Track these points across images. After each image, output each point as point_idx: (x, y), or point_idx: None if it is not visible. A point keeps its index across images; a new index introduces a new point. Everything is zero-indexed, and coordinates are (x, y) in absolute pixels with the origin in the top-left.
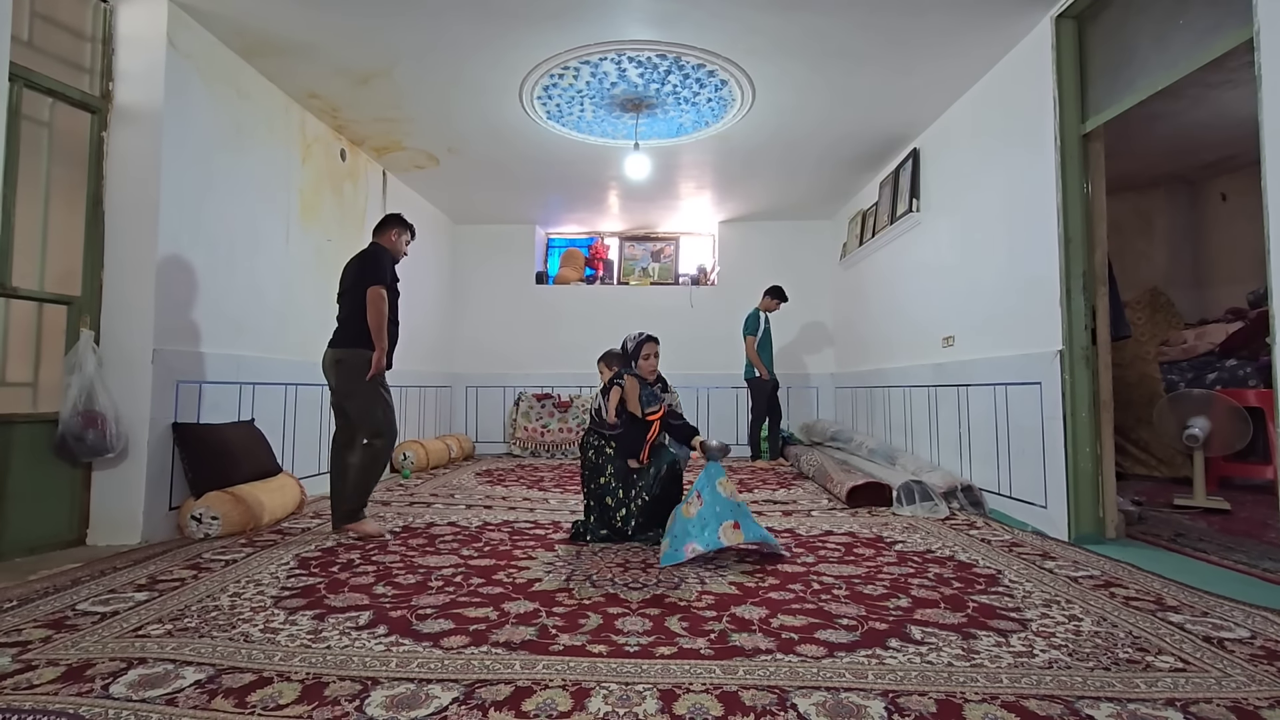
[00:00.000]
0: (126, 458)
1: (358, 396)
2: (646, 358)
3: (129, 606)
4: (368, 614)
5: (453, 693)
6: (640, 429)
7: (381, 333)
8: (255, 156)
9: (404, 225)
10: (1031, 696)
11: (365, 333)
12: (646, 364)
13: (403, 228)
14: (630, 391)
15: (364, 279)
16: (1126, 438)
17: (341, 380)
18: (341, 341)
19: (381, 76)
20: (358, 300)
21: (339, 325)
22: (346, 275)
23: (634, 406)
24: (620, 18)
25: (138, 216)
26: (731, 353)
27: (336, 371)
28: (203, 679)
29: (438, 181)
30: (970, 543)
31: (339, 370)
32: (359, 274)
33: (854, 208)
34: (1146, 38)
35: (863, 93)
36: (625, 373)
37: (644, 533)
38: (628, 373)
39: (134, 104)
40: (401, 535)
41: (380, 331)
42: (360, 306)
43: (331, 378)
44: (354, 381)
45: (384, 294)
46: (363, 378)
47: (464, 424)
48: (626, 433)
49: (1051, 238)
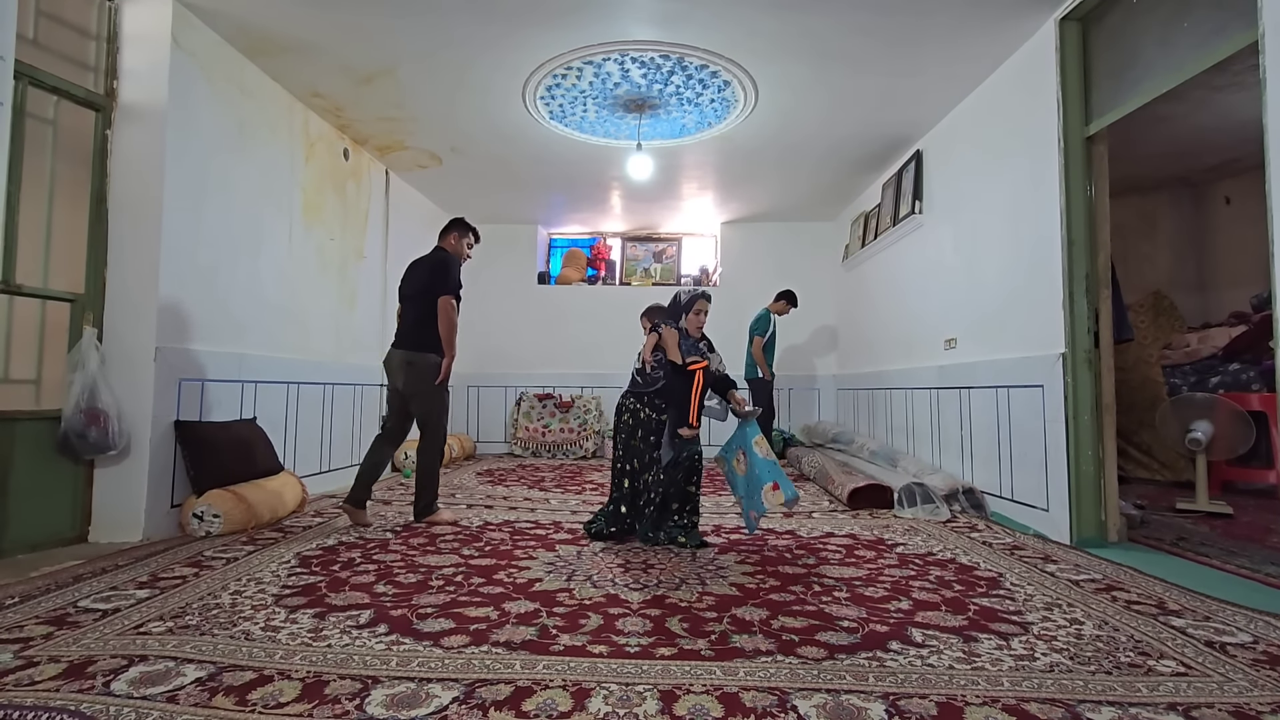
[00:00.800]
0: (128, 455)
1: (423, 398)
2: (697, 314)
3: (130, 604)
4: (368, 613)
5: (453, 692)
6: (685, 383)
7: (453, 341)
8: (258, 155)
9: (465, 228)
10: (1033, 700)
11: (434, 338)
12: (695, 320)
13: (464, 230)
14: (669, 338)
15: (434, 288)
16: (1129, 441)
17: (411, 382)
18: (412, 345)
19: (385, 76)
20: (428, 306)
21: (407, 329)
22: (413, 279)
23: (674, 354)
24: (623, 18)
25: (141, 214)
26: (733, 353)
27: (406, 373)
28: (203, 677)
29: (440, 181)
30: (972, 545)
31: (409, 372)
32: (429, 282)
33: (856, 209)
34: (1151, 40)
35: (865, 94)
36: (666, 324)
37: (651, 526)
38: (669, 324)
39: (138, 102)
40: (402, 534)
41: (452, 340)
42: (429, 313)
43: (399, 378)
44: (423, 384)
45: (454, 304)
46: (431, 381)
47: (465, 424)
48: (672, 387)
49: (1054, 240)
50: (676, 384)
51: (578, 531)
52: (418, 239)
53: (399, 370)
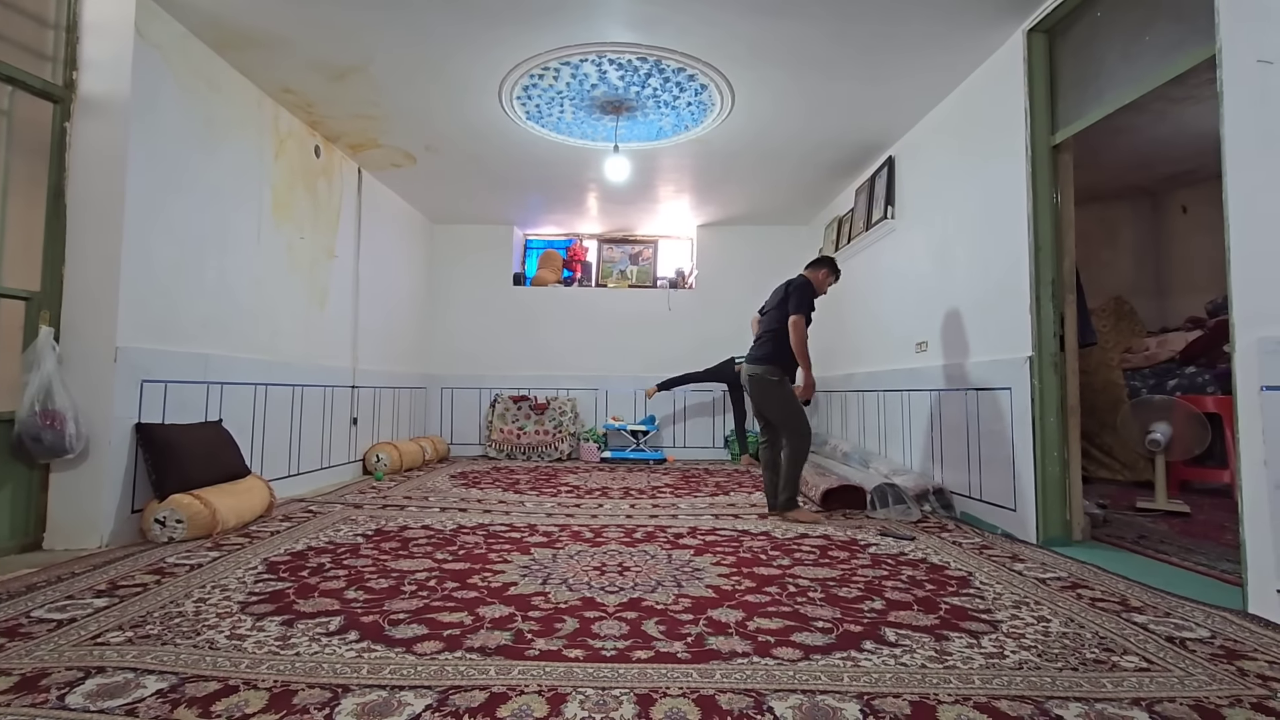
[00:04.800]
0: (87, 459)
1: (772, 406)
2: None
3: (87, 613)
4: (338, 619)
5: (426, 699)
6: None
7: (805, 355)
8: (226, 151)
9: (834, 269)
10: (1003, 697)
11: (773, 353)
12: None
13: (831, 269)
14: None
15: (786, 306)
16: (1092, 442)
17: (754, 394)
18: (752, 359)
19: (358, 72)
20: (777, 322)
21: (754, 343)
22: (772, 297)
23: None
24: (601, 20)
25: (102, 210)
26: (710, 356)
27: (749, 387)
28: (165, 688)
29: (415, 180)
30: (942, 545)
31: (751, 385)
32: (783, 300)
33: (830, 214)
34: (1114, 53)
35: (840, 100)
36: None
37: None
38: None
39: (99, 94)
40: (374, 539)
41: (803, 355)
42: (774, 329)
43: (748, 391)
44: (764, 394)
45: (803, 323)
46: (771, 391)
47: (439, 426)
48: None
49: (1022, 246)
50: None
51: (553, 534)
52: (390, 238)
53: (746, 384)
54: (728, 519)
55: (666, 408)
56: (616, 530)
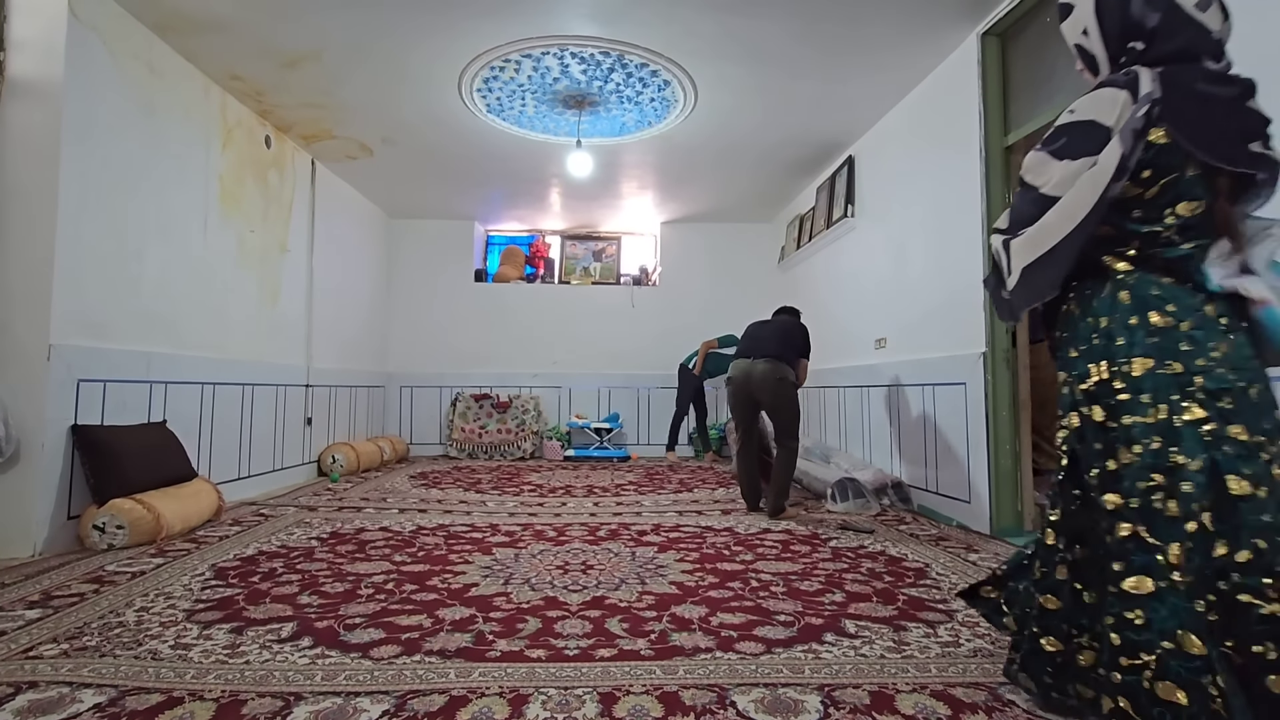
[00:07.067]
0: (18, 462)
1: (787, 406)
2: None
3: (18, 626)
4: (291, 625)
5: (383, 705)
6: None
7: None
8: (170, 139)
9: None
10: (958, 685)
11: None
12: None
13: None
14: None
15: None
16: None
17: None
18: (777, 357)
19: (311, 60)
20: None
21: (759, 340)
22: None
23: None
24: (563, 12)
25: (33, 199)
26: (673, 353)
27: (772, 383)
28: (103, 702)
29: (372, 173)
30: (900, 537)
31: (776, 383)
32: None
33: (792, 212)
34: (1065, 56)
35: (801, 99)
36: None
37: None
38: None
39: (29, 77)
40: (329, 541)
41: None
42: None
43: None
44: (787, 393)
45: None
46: (792, 392)
47: (398, 425)
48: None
49: (976, 244)
50: None
51: (515, 534)
52: (346, 232)
53: (763, 381)
54: (691, 515)
55: (630, 406)
56: (580, 529)
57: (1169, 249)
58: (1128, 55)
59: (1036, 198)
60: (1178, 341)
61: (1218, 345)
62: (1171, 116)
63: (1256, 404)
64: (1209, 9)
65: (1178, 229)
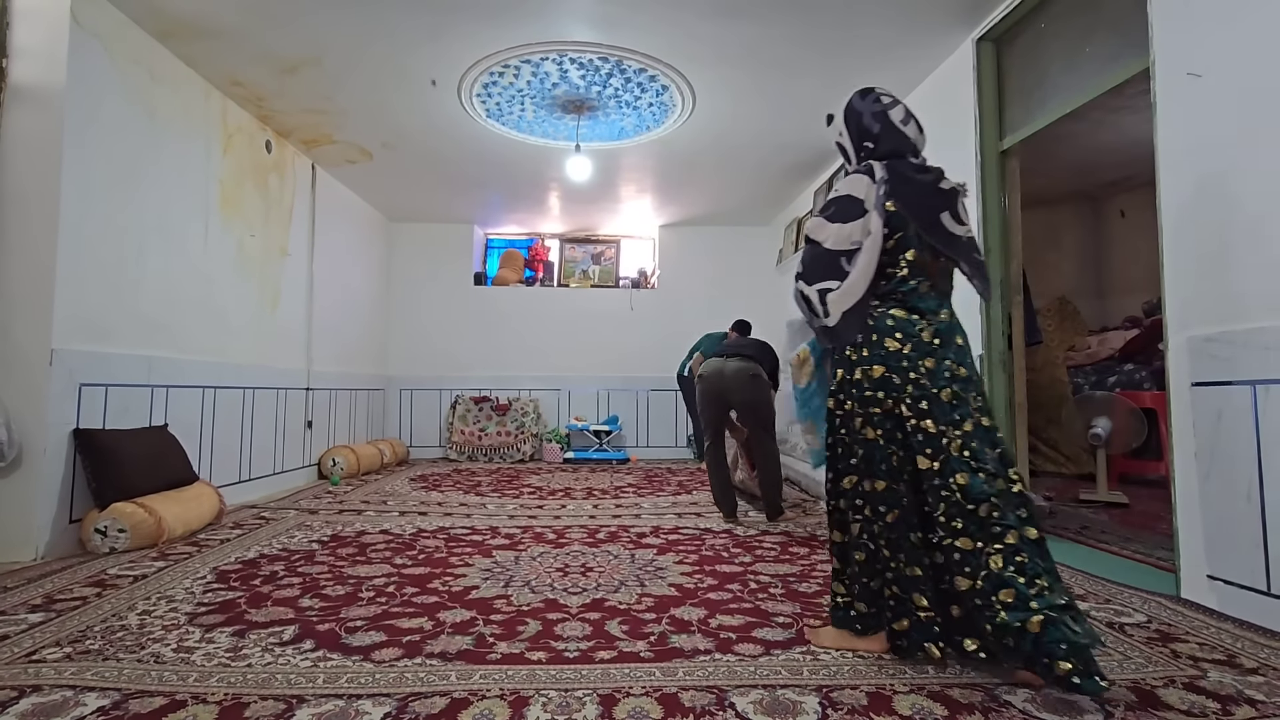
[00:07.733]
0: (20, 467)
1: (765, 405)
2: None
3: (21, 629)
4: (292, 628)
5: (384, 708)
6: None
7: None
8: (171, 145)
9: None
10: (955, 685)
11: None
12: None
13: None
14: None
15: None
16: (1038, 437)
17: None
18: (752, 358)
19: (311, 65)
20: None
21: (736, 344)
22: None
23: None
24: (563, 18)
25: (35, 204)
26: (672, 355)
27: (750, 382)
28: (106, 705)
29: (372, 177)
30: None
31: (754, 382)
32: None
33: (790, 215)
34: (1057, 63)
35: (798, 103)
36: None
37: None
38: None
39: (32, 83)
40: (330, 545)
41: None
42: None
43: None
44: (765, 392)
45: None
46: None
47: (398, 428)
48: None
49: None
50: None
51: (515, 537)
52: (346, 236)
53: (739, 380)
54: (690, 518)
55: (629, 409)
56: (579, 531)
57: (903, 284)
58: (865, 151)
59: (820, 252)
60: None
61: (923, 361)
62: (896, 193)
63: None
64: (909, 124)
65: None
